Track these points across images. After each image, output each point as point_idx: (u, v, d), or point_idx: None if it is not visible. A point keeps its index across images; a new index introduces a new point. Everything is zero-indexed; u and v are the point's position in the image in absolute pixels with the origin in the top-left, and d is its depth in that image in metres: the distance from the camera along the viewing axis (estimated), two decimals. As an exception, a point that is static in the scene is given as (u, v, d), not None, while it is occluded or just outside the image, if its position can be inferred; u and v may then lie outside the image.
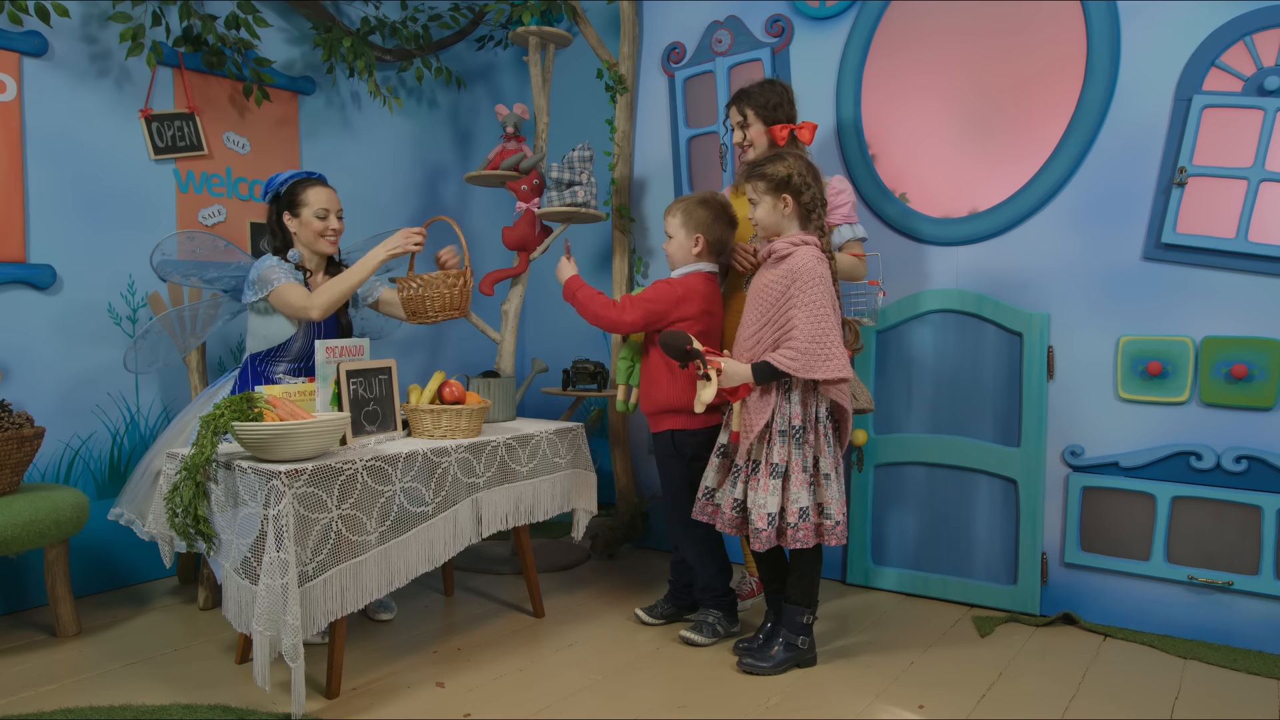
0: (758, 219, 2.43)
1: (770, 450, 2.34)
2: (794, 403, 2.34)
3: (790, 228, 2.41)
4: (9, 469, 2.51)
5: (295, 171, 2.80)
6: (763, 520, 2.31)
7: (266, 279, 2.65)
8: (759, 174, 2.40)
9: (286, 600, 1.97)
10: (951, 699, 2.26)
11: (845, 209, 2.72)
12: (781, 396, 2.34)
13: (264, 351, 2.73)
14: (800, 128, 2.74)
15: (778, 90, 2.74)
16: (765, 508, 2.31)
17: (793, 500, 2.32)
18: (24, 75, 2.87)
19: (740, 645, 2.54)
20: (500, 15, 4.01)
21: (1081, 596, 2.83)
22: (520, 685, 2.34)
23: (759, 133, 2.74)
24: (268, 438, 2.07)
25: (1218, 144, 2.61)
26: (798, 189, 2.36)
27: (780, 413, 2.33)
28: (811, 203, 2.37)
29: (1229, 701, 2.27)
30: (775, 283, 2.34)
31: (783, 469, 2.33)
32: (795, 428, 2.33)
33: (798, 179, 2.36)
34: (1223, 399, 2.61)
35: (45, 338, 2.93)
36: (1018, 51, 2.92)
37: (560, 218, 3.50)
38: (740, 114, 2.76)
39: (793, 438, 2.33)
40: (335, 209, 2.77)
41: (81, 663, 2.45)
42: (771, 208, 2.40)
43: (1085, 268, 2.81)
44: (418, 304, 2.68)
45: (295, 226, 2.75)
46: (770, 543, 2.32)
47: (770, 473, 2.32)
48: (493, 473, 2.58)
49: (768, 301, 2.35)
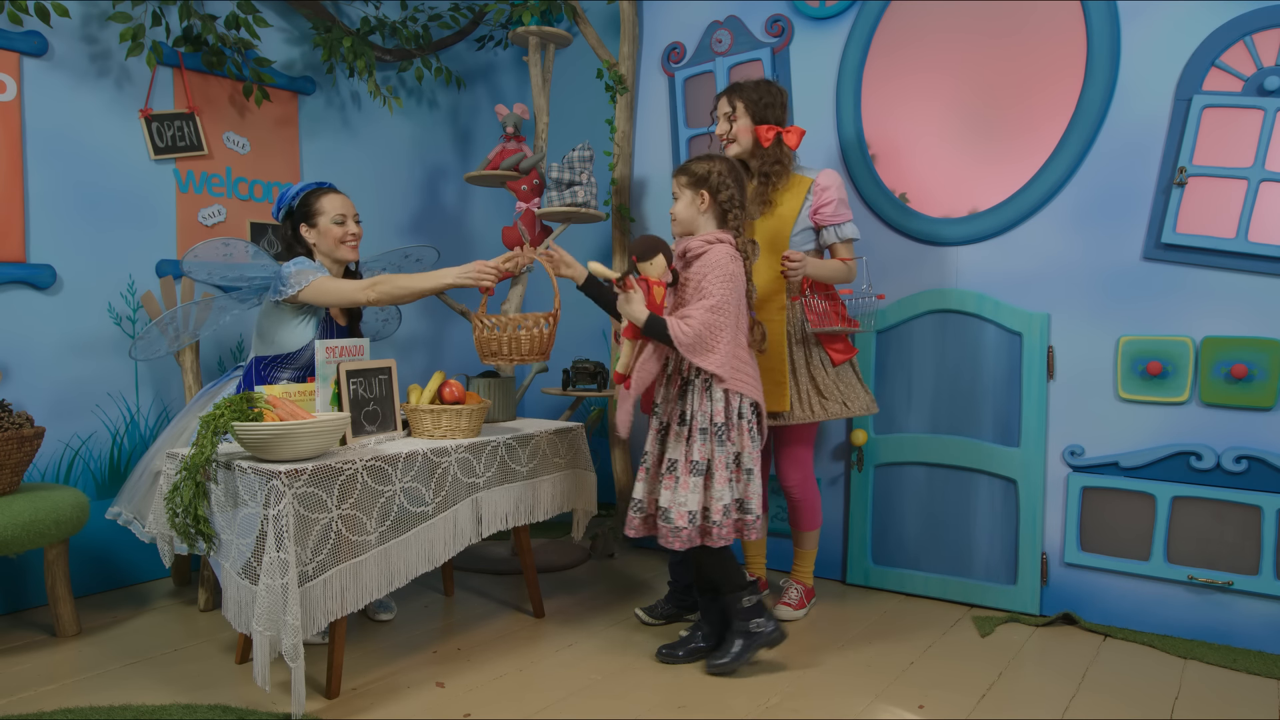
0: (676, 213, 2.46)
1: (690, 448, 2.35)
2: (716, 400, 2.35)
3: (706, 225, 2.43)
4: (9, 469, 2.51)
5: (305, 184, 2.78)
6: (683, 519, 2.32)
7: (299, 276, 2.60)
8: (683, 169, 2.44)
9: (286, 600, 1.97)
10: (951, 699, 2.26)
11: (830, 208, 2.70)
12: (703, 394, 2.35)
13: (270, 356, 2.70)
14: (787, 131, 2.73)
15: (773, 91, 2.73)
16: (685, 505, 2.32)
17: (717, 498, 2.33)
18: (24, 75, 2.87)
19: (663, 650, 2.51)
20: (500, 15, 4.01)
21: (1081, 596, 2.83)
22: (520, 685, 2.34)
23: (744, 129, 2.73)
24: (268, 438, 2.07)
25: (1218, 144, 2.61)
26: (715, 187, 2.40)
27: (701, 410, 2.35)
28: (728, 202, 2.40)
29: (1229, 701, 2.27)
30: (691, 279, 2.38)
31: (704, 467, 2.34)
32: (718, 425, 2.34)
33: (716, 178, 2.40)
34: (1223, 399, 2.61)
35: (45, 338, 2.93)
36: (1018, 51, 2.92)
37: (560, 218, 3.50)
38: (730, 105, 2.75)
39: (714, 435, 2.34)
40: (352, 213, 2.75)
41: (81, 663, 2.45)
42: (689, 203, 2.43)
43: (1085, 268, 2.81)
44: (497, 344, 2.53)
45: (314, 237, 2.72)
46: (692, 541, 2.33)
47: (691, 470, 2.33)
48: (493, 473, 2.58)
49: (686, 296, 2.39)
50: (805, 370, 2.73)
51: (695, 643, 2.51)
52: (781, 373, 2.69)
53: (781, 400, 2.69)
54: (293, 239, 2.75)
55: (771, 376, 2.70)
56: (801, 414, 2.70)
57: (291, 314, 2.67)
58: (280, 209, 2.78)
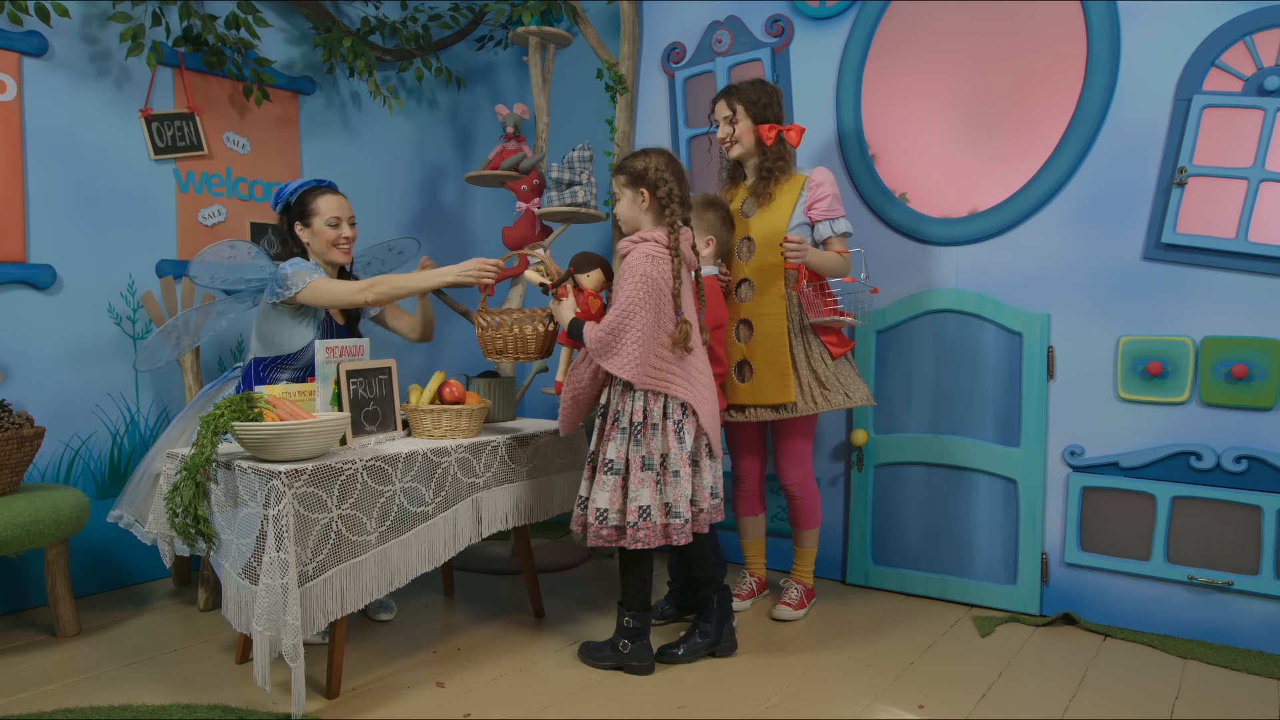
0: (619, 213, 2.45)
1: (606, 445, 2.34)
2: (635, 399, 2.33)
3: (648, 223, 2.41)
4: (9, 469, 2.51)
5: (304, 180, 2.77)
6: (592, 515, 2.32)
7: (297, 278, 2.59)
8: (621, 168, 2.42)
9: (286, 600, 1.97)
10: (951, 699, 2.26)
11: (825, 203, 2.72)
12: (625, 393, 2.35)
13: (270, 358, 2.70)
14: (788, 129, 2.75)
15: (769, 90, 2.76)
16: (595, 504, 2.33)
17: (631, 499, 2.30)
18: (24, 75, 2.87)
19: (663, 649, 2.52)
20: (500, 15, 4.01)
21: (1081, 596, 2.83)
22: (520, 685, 2.34)
23: (746, 130, 2.75)
24: (268, 438, 2.07)
25: (1218, 144, 2.61)
26: (653, 183, 2.36)
27: (623, 408, 2.34)
28: (666, 198, 2.36)
29: (1229, 701, 2.27)
30: (616, 279, 2.38)
31: (620, 466, 2.32)
32: (635, 424, 2.32)
33: (654, 174, 2.36)
34: (1223, 399, 2.61)
35: (45, 338, 2.93)
36: (1018, 51, 2.92)
37: (560, 218, 3.50)
38: (729, 108, 2.76)
39: (631, 435, 2.32)
40: (347, 216, 2.74)
41: (81, 663, 2.45)
42: (631, 202, 2.41)
43: (1085, 268, 2.81)
44: (502, 342, 2.55)
45: (307, 237, 2.72)
46: (606, 540, 2.32)
47: (605, 468, 2.33)
48: (493, 473, 2.58)
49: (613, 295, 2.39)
50: (805, 363, 2.73)
51: (695, 640, 2.51)
52: (785, 365, 2.70)
53: (787, 391, 2.69)
54: (287, 235, 2.75)
55: (775, 369, 2.70)
56: (805, 405, 2.70)
57: (290, 315, 2.67)
58: (278, 203, 2.77)
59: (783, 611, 2.83)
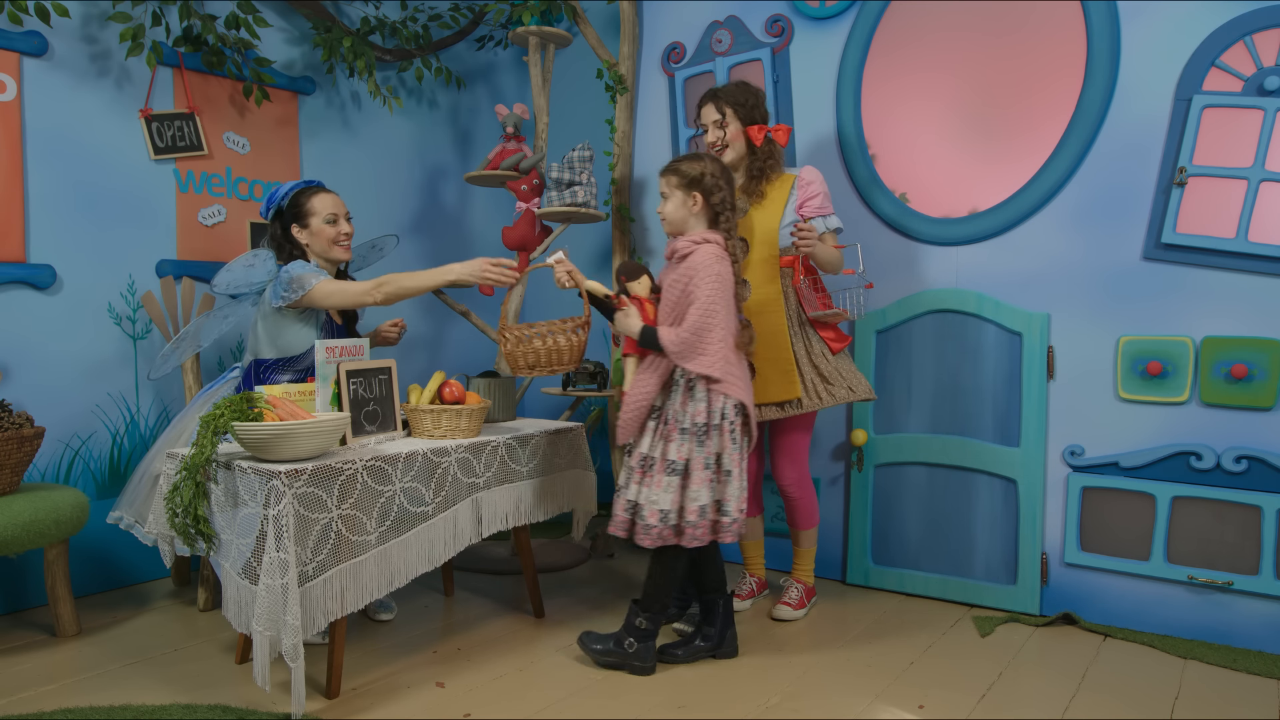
0: (665, 213, 2.46)
1: (668, 447, 2.35)
2: (697, 399, 2.35)
3: (696, 226, 2.44)
4: (9, 469, 2.51)
5: (294, 183, 2.76)
6: (654, 516, 2.32)
7: (303, 280, 2.58)
8: (673, 169, 2.44)
9: (286, 600, 1.97)
10: (951, 699, 2.26)
11: (816, 200, 2.73)
12: (686, 394, 2.36)
13: (271, 360, 2.69)
14: (776, 129, 2.75)
15: (753, 92, 2.77)
16: (658, 504, 2.32)
17: (692, 498, 2.32)
18: (24, 75, 2.87)
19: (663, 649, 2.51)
20: (500, 15, 4.01)
21: (1081, 596, 2.83)
22: (520, 685, 2.34)
23: (736, 132, 2.75)
24: (268, 438, 2.07)
25: (1218, 144, 2.61)
26: (709, 189, 2.40)
27: (684, 409, 2.35)
28: (721, 204, 2.42)
29: (1229, 701, 2.27)
30: (679, 280, 2.38)
31: (681, 466, 2.33)
32: (698, 425, 2.34)
33: (710, 179, 2.40)
34: (1223, 399, 2.61)
35: (45, 338, 2.93)
36: (1018, 51, 2.92)
37: (560, 218, 3.50)
38: (719, 112, 2.76)
39: (694, 435, 2.34)
40: (344, 212, 2.74)
41: (81, 663, 2.45)
42: (680, 203, 2.43)
43: (1085, 268, 2.81)
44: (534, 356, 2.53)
45: (306, 238, 2.71)
46: (664, 540, 2.33)
47: (666, 469, 2.33)
48: (493, 473, 2.58)
49: (672, 299, 2.40)
50: (807, 358, 2.73)
51: (696, 642, 2.51)
52: (789, 361, 2.70)
53: (792, 388, 2.68)
54: (283, 239, 2.73)
55: (779, 366, 2.70)
56: (810, 401, 2.69)
57: (296, 318, 2.66)
58: (269, 208, 2.75)
59: (783, 611, 2.83)
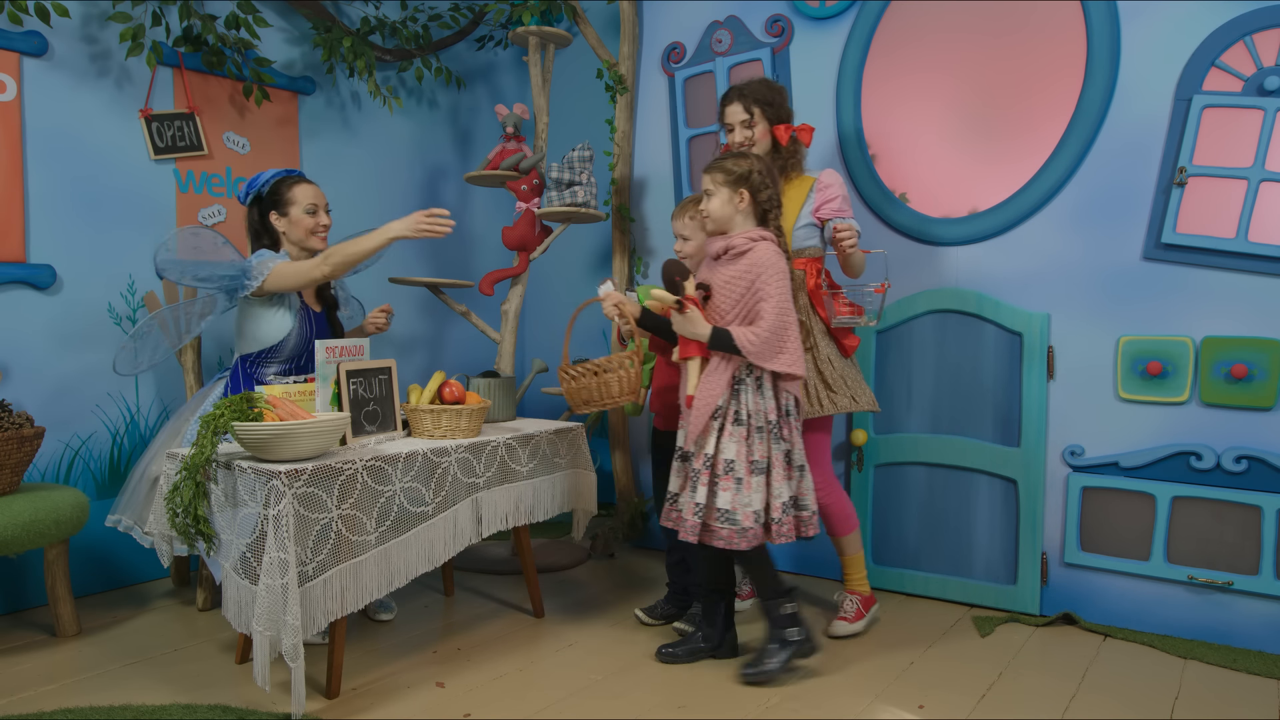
0: (710, 210, 2.42)
1: (749, 447, 2.32)
2: (767, 397, 2.34)
3: (742, 224, 2.41)
4: (9, 469, 2.51)
5: (275, 171, 2.77)
6: (749, 519, 2.29)
7: (260, 268, 2.60)
8: (720, 166, 2.41)
9: (286, 600, 1.97)
10: (951, 699, 2.26)
11: (835, 204, 2.69)
12: (755, 392, 2.33)
13: (255, 353, 2.69)
14: (801, 129, 2.73)
15: (777, 89, 2.73)
16: (751, 506, 2.29)
17: (776, 495, 2.31)
18: (24, 75, 2.87)
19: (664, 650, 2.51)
20: (500, 15, 4.01)
21: (1081, 596, 2.83)
22: (520, 685, 2.34)
23: (764, 132, 2.71)
24: (268, 438, 2.07)
25: (1218, 144, 2.61)
26: (756, 186, 2.38)
27: (756, 408, 2.33)
28: (768, 202, 2.39)
29: (1229, 701, 2.26)
30: (739, 277, 2.34)
31: (764, 465, 2.32)
32: (772, 422, 2.33)
33: (757, 177, 2.38)
34: (1223, 399, 2.61)
35: (45, 338, 2.93)
36: (1018, 51, 2.92)
37: (560, 218, 3.50)
38: (747, 112, 2.70)
39: (770, 433, 2.33)
40: (323, 204, 2.76)
41: (81, 663, 2.45)
42: (726, 200, 2.40)
43: (1085, 268, 2.81)
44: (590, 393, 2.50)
45: (284, 226, 2.73)
46: (756, 541, 2.30)
47: (752, 470, 2.31)
48: (493, 473, 2.58)
49: (733, 297, 2.34)
50: (813, 363, 2.68)
51: (695, 643, 2.51)
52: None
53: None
54: (260, 226, 2.75)
55: None
56: (810, 408, 2.64)
57: (263, 306, 2.67)
58: (249, 194, 2.76)
59: (839, 627, 2.71)
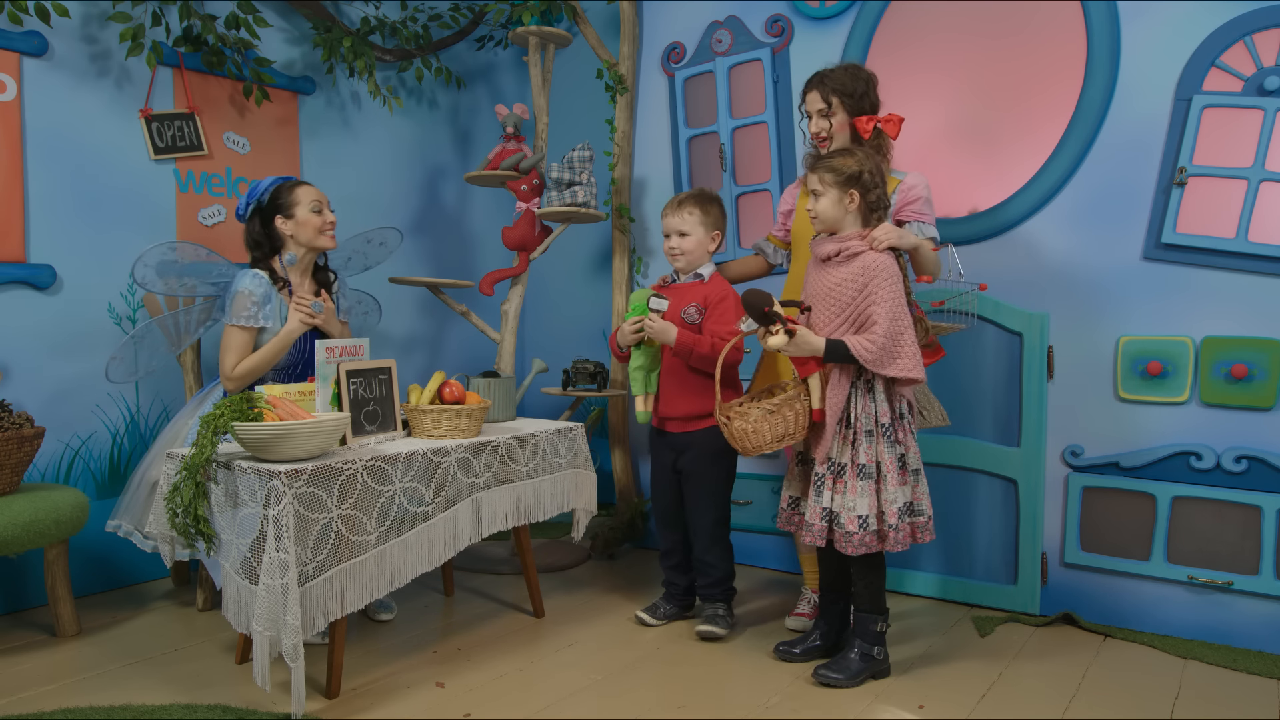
0: (819, 211, 2.34)
1: (857, 451, 2.28)
2: (879, 400, 2.29)
3: (851, 225, 2.34)
4: (9, 469, 2.51)
5: (272, 179, 2.79)
6: (853, 523, 2.25)
7: (235, 310, 2.64)
8: (829, 166, 2.33)
9: (286, 600, 1.97)
10: (951, 699, 2.26)
11: (917, 205, 2.55)
12: (866, 395, 2.29)
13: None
14: (886, 120, 2.53)
15: (863, 77, 2.56)
16: (855, 510, 2.25)
17: (891, 500, 2.26)
18: (24, 75, 2.87)
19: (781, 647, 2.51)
20: (500, 15, 4.01)
21: (1081, 596, 2.83)
22: (520, 685, 2.34)
23: (842, 124, 2.55)
24: (268, 438, 2.07)
25: (1218, 144, 2.61)
26: (867, 186, 2.31)
27: (866, 411, 2.29)
28: (876, 202, 2.33)
29: (1229, 701, 2.27)
30: (848, 282, 2.28)
31: (872, 470, 2.27)
32: (884, 425, 2.28)
33: (868, 176, 2.31)
34: (1223, 399, 2.61)
35: (45, 338, 2.93)
36: (1018, 52, 2.92)
37: (560, 218, 3.50)
38: (824, 101, 2.55)
39: (883, 436, 2.28)
40: (326, 201, 2.78)
41: (81, 663, 2.45)
42: (836, 202, 2.33)
43: (1085, 268, 2.81)
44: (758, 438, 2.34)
45: (291, 229, 2.73)
46: (866, 547, 2.26)
47: (858, 474, 2.26)
48: (493, 473, 2.58)
49: (841, 301, 2.29)
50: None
51: (813, 642, 2.48)
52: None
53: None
54: (262, 235, 2.75)
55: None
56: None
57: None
58: (248, 205, 2.76)
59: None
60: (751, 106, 3.48)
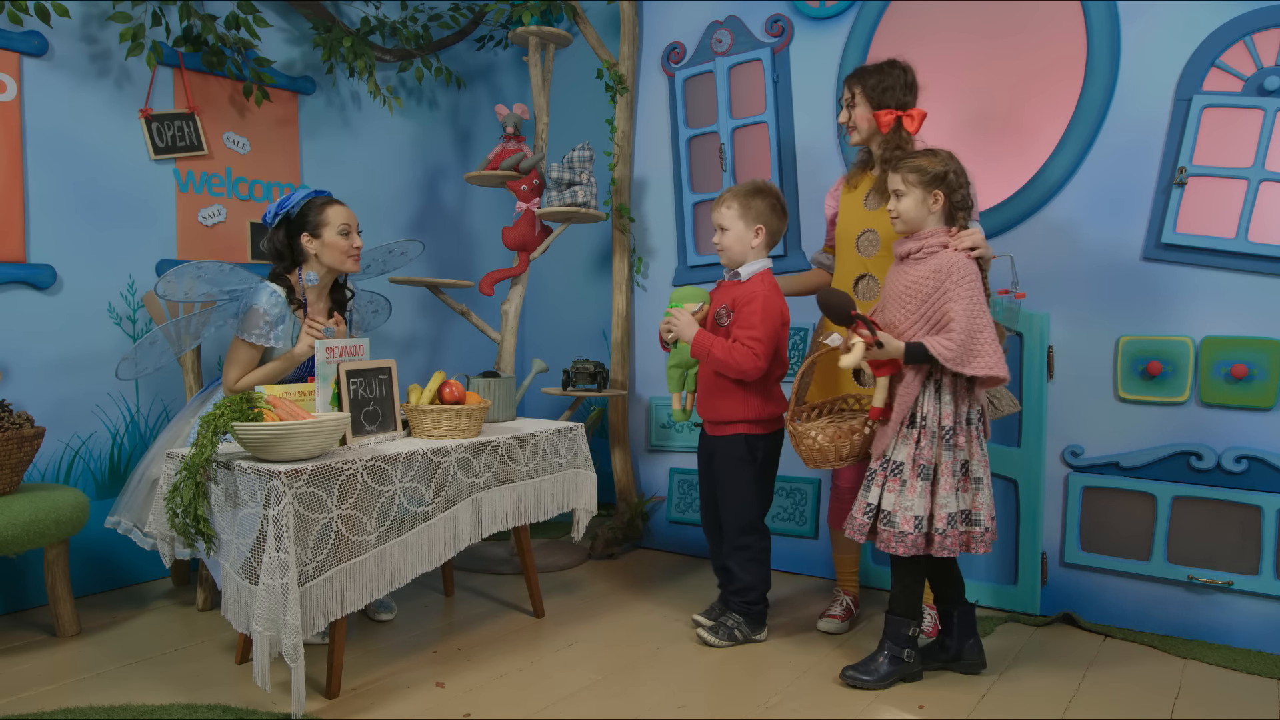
0: (901, 211, 2.31)
1: (920, 451, 2.24)
2: (944, 402, 2.25)
3: (932, 225, 2.31)
4: (9, 469, 2.51)
5: (306, 192, 2.74)
6: (909, 523, 2.22)
7: (247, 325, 2.61)
8: (913, 166, 2.29)
9: (286, 600, 1.97)
10: (951, 699, 2.26)
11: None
12: (932, 395, 2.26)
13: None
14: (907, 116, 2.56)
15: (895, 74, 2.57)
16: (912, 510, 2.22)
17: (941, 505, 2.23)
18: (24, 75, 2.87)
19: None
20: (500, 15, 4.01)
21: (1081, 596, 2.83)
22: (520, 685, 2.34)
23: (863, 115, 2.59)
24: (268, 438, 2.07)
25: (1218, 144, 2.61)
26: (952, 186, 2.28)
27: (930, 412, 2.25)
28: (961, 203, 2.29)
29: (1229, 701, 2.26)
30: (923, 280, 2.25)
31: (930, 471, 2.24)
32: (945, 428, 2.24)
33: (954, 177, 2.28)
34: (1223, 399, 2.61)
35: (45, 338, 2.93)
36: (1018, 51, 2.92)
37: (560, 218, 3.50)
38: (849, 91, 2.60)
39: (942, 438, 2.24)
40: (355, 225, 2.74)
41: (81, 663, 2.45)
42: (920, 201, 2.29)
43: (1085, 268, 2.81)
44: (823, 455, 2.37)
45: (316, 248, 2.69)
46: (916, 548, 2.23)
47: (918, 474, 2.23)
48: (493, 473, 2.58)
49: (916, 300, 2.26)
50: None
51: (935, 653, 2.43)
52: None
53: None
54: (285, 247, 2.71)
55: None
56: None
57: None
58: (278, 214, 2.72)
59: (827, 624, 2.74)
60: (751, 106, 3.48)
